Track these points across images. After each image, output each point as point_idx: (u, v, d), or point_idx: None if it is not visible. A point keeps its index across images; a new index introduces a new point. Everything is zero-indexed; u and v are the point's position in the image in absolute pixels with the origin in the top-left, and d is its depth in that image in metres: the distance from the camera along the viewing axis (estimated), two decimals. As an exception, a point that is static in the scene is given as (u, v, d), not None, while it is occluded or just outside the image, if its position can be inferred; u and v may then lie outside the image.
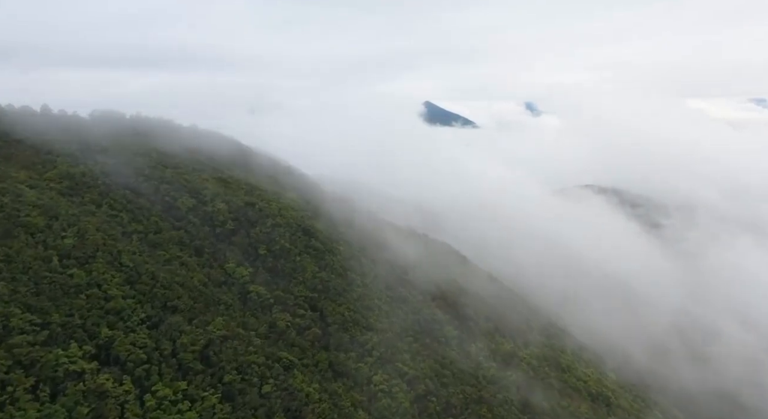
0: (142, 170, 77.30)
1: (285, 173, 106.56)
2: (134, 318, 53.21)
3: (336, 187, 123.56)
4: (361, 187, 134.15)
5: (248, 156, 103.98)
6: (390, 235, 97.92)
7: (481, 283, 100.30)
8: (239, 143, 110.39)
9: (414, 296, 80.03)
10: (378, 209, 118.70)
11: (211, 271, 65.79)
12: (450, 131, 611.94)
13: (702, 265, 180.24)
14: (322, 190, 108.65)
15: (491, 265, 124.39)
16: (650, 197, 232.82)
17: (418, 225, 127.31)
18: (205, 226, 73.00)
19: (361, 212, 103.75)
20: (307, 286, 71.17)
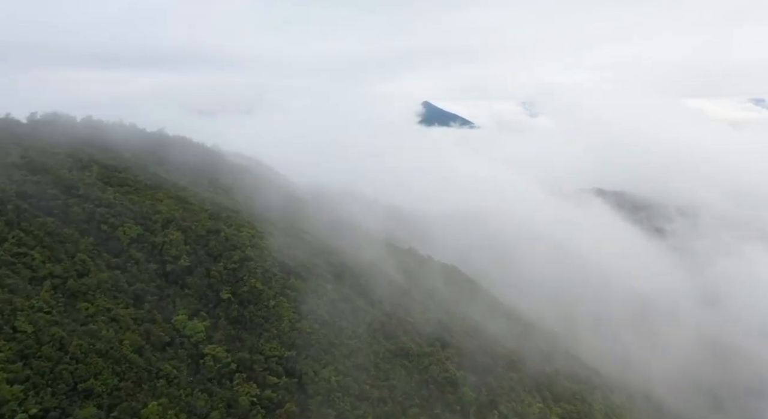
0: (76, 188, 59.80)
1: (266, 186, 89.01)
2: (20, 415, 36.12)
3: (325, 197, 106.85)
4: (352, 196, 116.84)
5: (222, 167, 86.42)
6: (389, 261, 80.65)
7: (494, 317, 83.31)
8: (213, 152, 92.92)
9: (419, 346, 62.71)
10: (369, 221, 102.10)
11: (153, 328, 48.45)
12: (448, 132, 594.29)
13: (713, 275, 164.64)
14: (307, 204, 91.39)
15: (491, 277, 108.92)
16: (651, 200, 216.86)
17: (413, 237, 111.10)
18: (152, 263, 55.57)
19: (353, 232, 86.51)
20: (283, 341, 53.83)
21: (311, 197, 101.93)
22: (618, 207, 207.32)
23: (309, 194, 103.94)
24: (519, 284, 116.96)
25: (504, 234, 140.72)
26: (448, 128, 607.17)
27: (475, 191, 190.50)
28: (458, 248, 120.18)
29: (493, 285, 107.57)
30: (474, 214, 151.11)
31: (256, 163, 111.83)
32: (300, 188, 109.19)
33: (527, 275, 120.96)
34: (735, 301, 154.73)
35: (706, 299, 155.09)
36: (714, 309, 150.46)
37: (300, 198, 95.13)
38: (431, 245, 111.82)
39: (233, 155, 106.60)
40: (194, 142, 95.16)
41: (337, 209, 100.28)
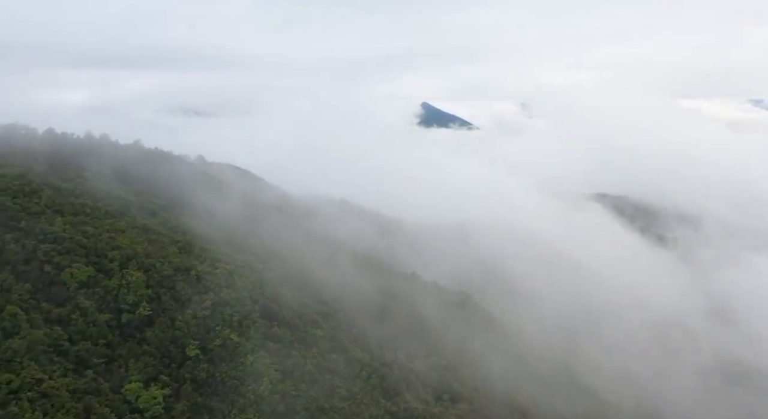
0: (16, 220, 49.63)
1: (254, 205, 78.76)
2: None
3: (319, 212, 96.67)
4: (348, 210, 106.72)
5: (204, 184, 76.07)
6: (388, 292, 70.58)
7: (507, 354, 73.31)
8: (196, 166, 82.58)
9: (426, 403, 52.61)
10: (366, 240, 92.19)
11: (96, 402, 38.33)
12: (446, 134, 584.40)
13: (721, 287, 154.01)
14: (298, 223, 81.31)
15: (491, 293, 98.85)
16: (652, 205, 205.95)
17: (410, 252, 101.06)
18: (104, 312, 45.44)
19: (347, 256, 76.54)
20: (261, 409, 43.74)
21: (303, 214, 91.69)
22: (618, 213, 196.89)
23: (301, 211, 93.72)
24: (519, 298, 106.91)
25: (503, 245, 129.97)
26: (446, 130, 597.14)
27: (472, 199, 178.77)
28: (456, 261, 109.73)
29: (494, 301, 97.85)
30: (471, 224, 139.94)
31: (246, 175, 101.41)
32: (292, 201, 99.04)
33: (528, 289, 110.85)
34: (747, 316, 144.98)
35: (717, 315, 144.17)
36: (727, 326, 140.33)
37: (291, 216, 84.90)
38: (428, 259, 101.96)
39: (220, 167, 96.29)
40: (175, 155, 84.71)
41: (331, 227, 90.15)
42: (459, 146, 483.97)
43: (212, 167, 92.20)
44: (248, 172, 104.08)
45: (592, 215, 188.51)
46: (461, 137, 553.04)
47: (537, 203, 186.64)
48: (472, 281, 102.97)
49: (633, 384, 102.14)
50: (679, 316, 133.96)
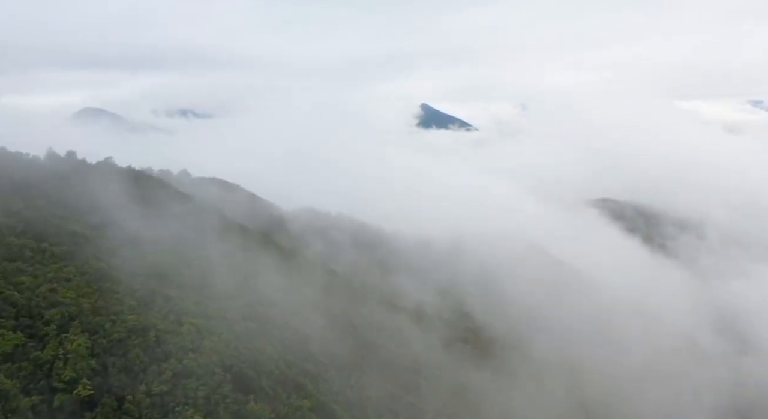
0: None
1: (233, 232, 68.52)
2: None
3: (310, 232, 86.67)
4: (342, 227, 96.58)
5: (177, 209, 65.49)
6: (390, 337, 60.92)
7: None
8: (169, 185, 72.14)
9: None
10: (360, 265, 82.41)
11: None
12: (445, 136, 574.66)
13: (727, 301, 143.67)
14: (284, 252, 71.41)
15: (491, 310, 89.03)
16: (652, 211, 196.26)
17: (408, 268, 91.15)
18: (32, 393, 35.66)
19: (339, 290, 66.81)
20: None
21: (294, 237, 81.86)
22: (617, 218, 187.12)
23: (292, 233, 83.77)
24: (523, 317, 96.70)
25: (503, 258, 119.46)
26: (446, 131, 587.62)
27: (472, 209, 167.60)
28: (455, 277, 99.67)
29: (494, 320, 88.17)
30: (472, 235, 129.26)
31: (234, 192, 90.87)
32: (283, 220, 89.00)
33: (532, 307, 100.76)
34: (760, 332, 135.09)
35: (728, 331, 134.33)
36: (738, 345, 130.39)
37: (279, 242, 74.93)
38: (428, 276, 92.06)
39: (202, 182, 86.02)
40: (151, 176, 74.13)
41: (325, 252, 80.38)
42: (458, 148, 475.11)
43: (196, 183, 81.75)
44: (238, 187, 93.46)
45: (593, 222, 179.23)
46: (460, 139, 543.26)
47: (537, 212, 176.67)
48: (472, 299, 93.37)
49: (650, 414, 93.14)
50: (688, 331, 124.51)
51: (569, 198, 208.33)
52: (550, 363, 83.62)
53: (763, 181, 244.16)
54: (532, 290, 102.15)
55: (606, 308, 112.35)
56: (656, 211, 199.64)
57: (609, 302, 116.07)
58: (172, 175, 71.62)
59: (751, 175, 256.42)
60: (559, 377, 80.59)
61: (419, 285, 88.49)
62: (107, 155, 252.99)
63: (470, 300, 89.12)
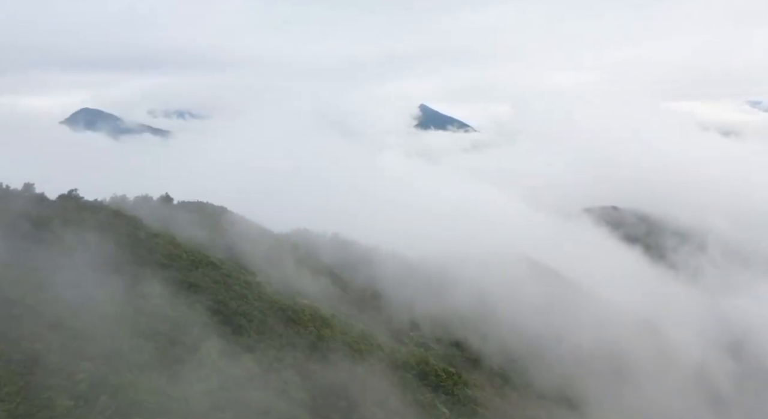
0: None
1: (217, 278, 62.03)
2: None
3: (302, 260, 79.87)
4: (337, 254, 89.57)
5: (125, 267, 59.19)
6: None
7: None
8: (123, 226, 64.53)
9: None
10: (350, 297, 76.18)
11: None
12: (444, 136, 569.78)
13: (734, 319, 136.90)
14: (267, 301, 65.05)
15: (490, 337, 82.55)
16: (652, 219, 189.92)
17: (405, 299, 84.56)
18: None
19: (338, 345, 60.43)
20: None
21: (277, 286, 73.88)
22: (616, 228, 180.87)
23: (282, 265, 76.55)
24: (518, 341, 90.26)
25: (498, 276, 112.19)
26: (444, 132, 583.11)
27: (463, 218, 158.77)
28: (444, 299, 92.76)
29: (490, 349, 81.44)
30: (462, 251, 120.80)
31: (221, 216, 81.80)
32: (271, 247, 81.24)
33: (529, 329, 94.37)
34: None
35: (739, 353, 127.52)
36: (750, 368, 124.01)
37: (255, 294, 67.76)
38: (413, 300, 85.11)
39: (185, 208, 78.13)
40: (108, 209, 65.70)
41: (316, 292, 73.82)
42: (456, 151, 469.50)
43: (177, 209, 74.15)
44: (225, 210, 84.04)
45: (594, 233, 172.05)
46: (459, 140, 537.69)
47: (535, 222, 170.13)
48: (466, 325, 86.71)
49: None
50: (701, 358, 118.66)
51: (566, 205, 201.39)
52: (553, 397, 78.24)
53: (763, 186, 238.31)
54: (531, 311, 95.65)
55: (611, 330, 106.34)
56: (656, 219, 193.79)
57: (614, 322, 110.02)
58: (152, 202, 64.91)
59: (752, 180, 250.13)
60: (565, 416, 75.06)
61: (404, 312, 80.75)
62: (100, 157, 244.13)
63: (463, 326, 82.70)
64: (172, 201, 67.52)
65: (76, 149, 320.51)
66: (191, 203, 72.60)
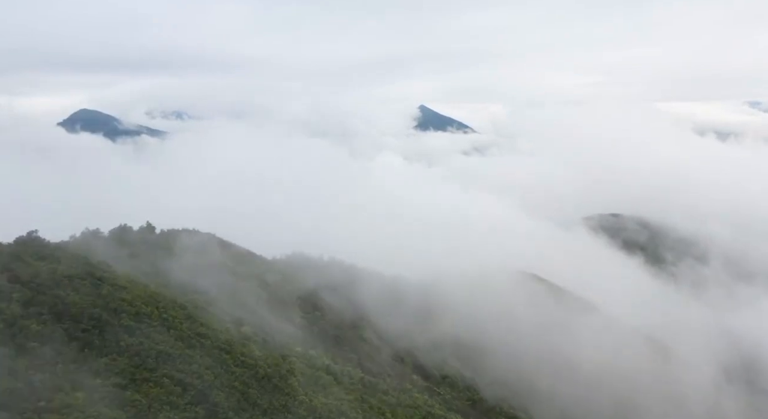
0: None
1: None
2: None
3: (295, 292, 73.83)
4: (331, 277, 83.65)
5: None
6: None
7: None
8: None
9: None
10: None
11: None
12: (443, 137, 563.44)
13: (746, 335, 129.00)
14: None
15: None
16: (652, 228, 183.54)
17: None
18: None
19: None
20: None
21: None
22: (614, 237, 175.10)
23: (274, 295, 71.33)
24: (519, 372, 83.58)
25: (495, 293, 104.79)
26: (443, 133, 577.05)
27: (458, 230, 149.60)
28: (437, 325, 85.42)
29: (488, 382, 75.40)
30: (456, 269, 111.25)
31: (205, 241, 74.83)
32: (261, 273, 74.88)
33: (531, 354, 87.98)
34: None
35: (747, 374, 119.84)
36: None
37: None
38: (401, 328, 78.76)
39: (168, 237, 70.86)
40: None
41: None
42: (453, 153, 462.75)
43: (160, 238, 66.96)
44: (212, 237, 77.05)
45: (593, 243, 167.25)
46: (458, 141, 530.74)
47: (532, 231, 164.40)
48: (461, 354, 79.91)
49: None
50: (708, 377, 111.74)
51: (565, 212, 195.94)
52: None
53: (763, 191, 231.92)
54: (531, 336, 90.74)
55: (618, 353, 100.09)
56: (657, 227, 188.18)
57: (620, 343, 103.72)
58: (132, 232, 59.84)
59: (752, 185, 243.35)
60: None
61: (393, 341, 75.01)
62: (96, 158, 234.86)
63: (457, 357, 77.42)
64: (154, 230, 62.62)
65: (72, 152, 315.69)
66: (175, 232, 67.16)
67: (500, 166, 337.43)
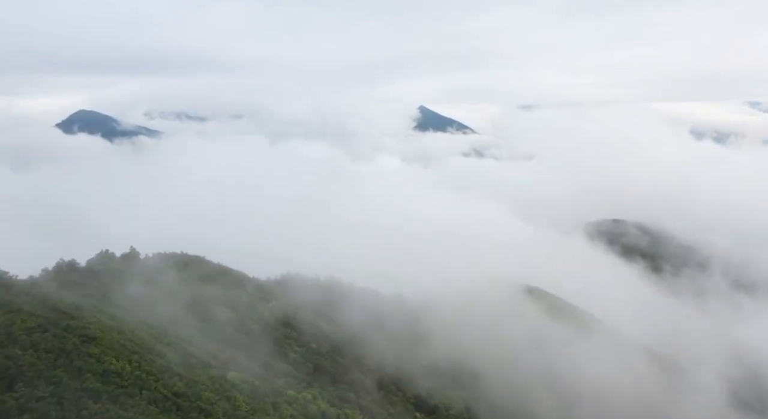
0: None
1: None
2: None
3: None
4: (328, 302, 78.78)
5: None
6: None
7: None
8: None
9: None
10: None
11: None
12: (442, 138, 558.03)
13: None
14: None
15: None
16: (652, 235, 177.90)
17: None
18: None
19: None
20: None
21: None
22: (612, 244, 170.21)
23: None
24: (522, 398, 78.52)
25: (494, 308, 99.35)
26: (443, 134, 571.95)
27: (454, 241, 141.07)
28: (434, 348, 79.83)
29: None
30: (449, 286, 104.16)
31: (194, 266, 70.36)
32: (252, 301, 70.63)
33: (534, 377, 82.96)
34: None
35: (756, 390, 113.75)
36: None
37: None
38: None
39: (153, 262, 67.04)
40: None
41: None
42: (454, 153, 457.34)
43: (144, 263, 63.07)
44: (202, 260, 72.72)
45: (592, 251, 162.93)
46: (458, 142, 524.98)
47: (530, 239, 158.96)
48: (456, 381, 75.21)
49: None
50: (717, 394, 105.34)
51: (564, 217, 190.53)
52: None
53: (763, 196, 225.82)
54: (532, 355, 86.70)
55: (625, 371, 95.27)
56: (658, 234, 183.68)
57: (626, 359, 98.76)
58: (113, 260, 55.84)
59: (753, 191, 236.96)
60: None
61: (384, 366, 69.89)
62: (91, 160, 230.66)
63: (453, 381, 73.27)
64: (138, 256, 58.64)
65: (67, 153, 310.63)
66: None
67: (498, 170, 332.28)
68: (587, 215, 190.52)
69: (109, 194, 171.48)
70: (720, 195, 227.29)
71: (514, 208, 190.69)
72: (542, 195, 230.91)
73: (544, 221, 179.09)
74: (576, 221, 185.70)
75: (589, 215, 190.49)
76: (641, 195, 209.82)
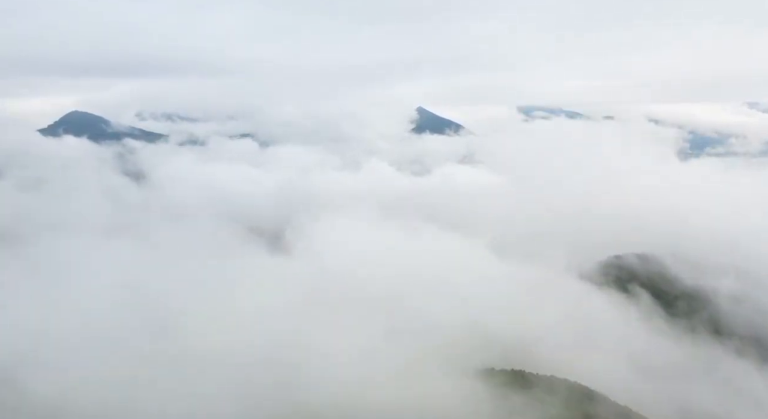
0: None
1: None
2: None
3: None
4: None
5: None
6: None
7: None
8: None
9: None
10: None
11: None
12: (439, 141, 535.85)
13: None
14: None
15: None
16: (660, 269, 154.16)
17: None
18: None
19: None
20: None
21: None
22: (611, 285, 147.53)
23: None
24: None
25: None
26: (440, 136, 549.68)
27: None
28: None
29: None
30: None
31: None
32: None
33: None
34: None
35: None
36: None
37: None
38: None
39: None
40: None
41: None
42: (449, 155, 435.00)
43: None
44: None
45: (596, 298, 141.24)
46: (454, 145, 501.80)
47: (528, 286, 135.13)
48: None
49: None
50: None
51: (553, 255, 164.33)
52: None
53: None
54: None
55: None
56: (659, 273, 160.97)
57: None
58: None
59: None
60: None
61: None
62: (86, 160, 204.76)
63: None
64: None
65: (49, 159, 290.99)
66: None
67: (486, 184, 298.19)
68: (584, 248, 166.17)
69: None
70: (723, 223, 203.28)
71: (492, 239, 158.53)
72: (534, 224, 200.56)
73: (532, 257, 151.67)
74: (570, 256, 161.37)
75: (587, 249, 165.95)
76: (645, 225, 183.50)
